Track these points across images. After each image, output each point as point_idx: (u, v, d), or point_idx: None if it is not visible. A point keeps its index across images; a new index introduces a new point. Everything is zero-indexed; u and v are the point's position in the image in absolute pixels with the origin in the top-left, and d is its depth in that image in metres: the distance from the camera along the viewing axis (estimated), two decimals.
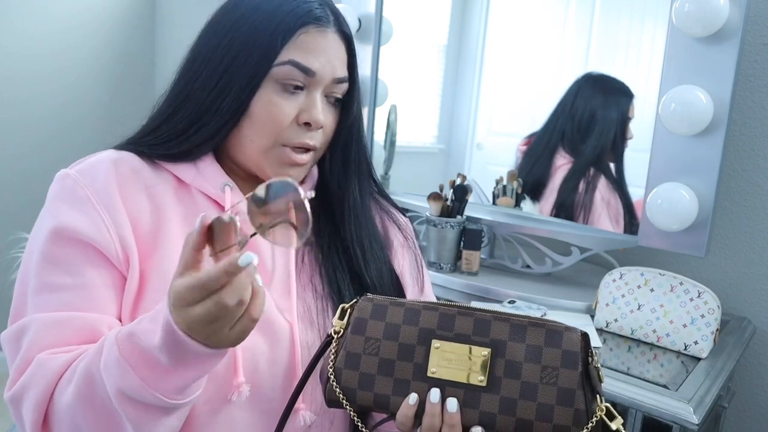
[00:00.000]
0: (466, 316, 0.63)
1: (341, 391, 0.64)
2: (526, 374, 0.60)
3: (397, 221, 0.90)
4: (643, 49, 1.44)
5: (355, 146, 0.82)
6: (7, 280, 1.11)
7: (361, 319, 0.65)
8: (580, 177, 1.50)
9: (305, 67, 0.72)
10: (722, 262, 1.44)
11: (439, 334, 0.63)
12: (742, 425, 1.44)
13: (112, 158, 0.74)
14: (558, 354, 0.60)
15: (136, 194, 0.73)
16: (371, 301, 0.66)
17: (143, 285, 0.70)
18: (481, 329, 0.63)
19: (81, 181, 0.71)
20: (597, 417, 0.60)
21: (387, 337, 0.64)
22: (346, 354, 0.64)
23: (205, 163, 0.76)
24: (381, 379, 0.63)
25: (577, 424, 0.59)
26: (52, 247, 0.69)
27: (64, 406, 0.62)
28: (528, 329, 0.62)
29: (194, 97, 0.74)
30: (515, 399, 0.60)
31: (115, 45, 2.62)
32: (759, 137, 1.38)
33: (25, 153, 2.41)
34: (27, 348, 0.66)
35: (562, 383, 0.59)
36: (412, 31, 1.83)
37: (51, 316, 0.66)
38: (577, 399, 0.59)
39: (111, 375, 0.58)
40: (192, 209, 0.75)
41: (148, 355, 0.57)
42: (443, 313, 0.64)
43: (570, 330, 0.62)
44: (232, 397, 0.69)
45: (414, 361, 0.63)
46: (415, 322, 0.64)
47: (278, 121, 0.72)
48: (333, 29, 0.75)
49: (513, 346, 0.61)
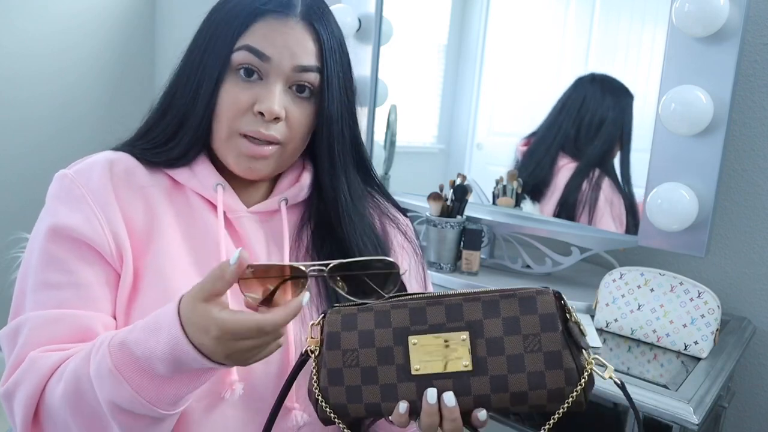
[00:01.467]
0: (436, 305, 0.62)
1: (332, 410, 0.63)
2: (509, 348, 0.59)
3: (397, 222, 0.90)
4: (643, 49, 1.44)
5: (337, 146, 0.79)
6: (7, 280, 1.11)
7: (333, 333, 0.63)
8: (584, 177, 1.50)
9: (259, 51, 0.71)
10: (722, 262, 1.44)
11: (414, 330, 0.61)
12: (742, 425, 1.44)
13: (108, 159, 0.75)
14: (536, 319, 0.60)
15: (130, 194, 0.74)
16: (339, 312, 0.64)
17: (137, 283, 0.71)
18: (454, 314, 0.61)
19: (77, 181, 0.73)
20: (588, 371, 0.60)
21: (363, 346, 0.62)
22: (327, 372, 0.63)
23: (199, 165, 0.77)
24: (367, 388, 0.62)
25: (570, 383, 0.59)
26: (48, 246, 0.70)
27: (56, 403, 0.63)
28: (500, 303, 0.61)
29: (179, 96, 0.76)
30: (505, 375, 0.59)
31: (115, 45, 2.61)
32: (759, 137, 1.38)
33: (25, 153, 2.41)
34: (21, 345, 0.67)
35: (546, 347, 0.59)
36: (412, 31, 1.83)
37: (46, 314, 0.68)
38: (564, 359, 0.59)
39: (103, 385, 0.59)
40: (185, 209, 0.77)
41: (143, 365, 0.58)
42: (413, 308, 0.62)
43: (542, 293, 0.61)
44: (225, 395, 0.70)
45: (395, 363, 0.61)
46: (387, 324, 0.62)
47: (233, 109, 0.72)
48: (296, 18, 0.73)
49: (490, 323, 0.60)
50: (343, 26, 1.71)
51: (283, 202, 0.81)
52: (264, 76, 0.73)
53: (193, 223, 0.76)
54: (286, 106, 0.73)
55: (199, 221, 0.76)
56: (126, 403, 0.58)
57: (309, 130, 0.77)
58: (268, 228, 0.80)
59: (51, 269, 0.69)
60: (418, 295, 0.64)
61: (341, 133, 0.79)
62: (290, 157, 0.78)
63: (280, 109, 0.72)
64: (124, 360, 0.58)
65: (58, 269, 0.69)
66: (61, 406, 0.62)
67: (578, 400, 0.60)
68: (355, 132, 0.83)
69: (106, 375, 0.59)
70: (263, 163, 0.75)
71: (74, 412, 0.62)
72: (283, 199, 0.81)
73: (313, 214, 0.83)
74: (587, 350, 0.61)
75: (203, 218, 0.76)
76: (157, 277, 0.71)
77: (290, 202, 0.82)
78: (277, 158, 0.76)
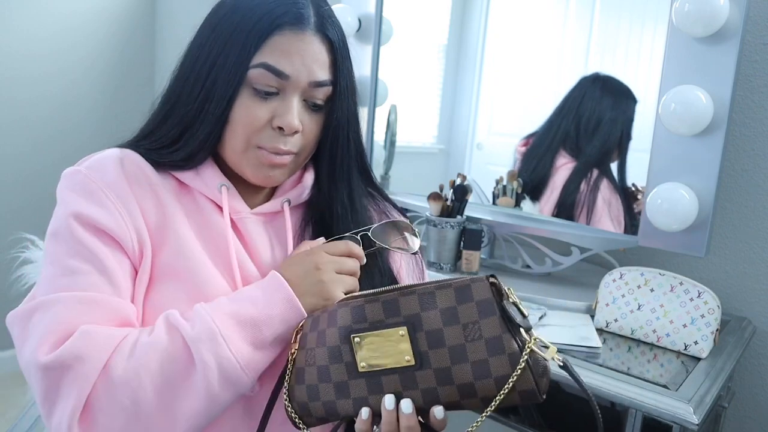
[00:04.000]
0: (373, 302, 0.62)
1: (293, 410, 0.66)
2: (450, 339, 0.58)
3: None
4: (643, 49, 1.44)
5: (341, 151, 0.80)
6: (7, 280, 1.11)
7: (304, 335, 0.67)
8: (582, 177, 1.50)
9: (278, 71, 0.71)
10: (722, 262, 1.44)
11: (356, 328, 0.62)
12: (742, 425, 1.44)
13: (117, 155, 0.75)
14: (473, 307, 0.58)
15: (143, 190, 0.74)
16: (311, 316, 0.68)
17: (153, 279, 0.72)
18: (391, 310, 0.61)
19: (91, 176, 0.72)
20: (527, 350, 0.57)
21: (318, 345, 0.64)
22: (296, 371, 0.66)
23: (203, 166, 0.77)
24: (323, 386, 0.63)
25: (515, 366, 0.56)
26: (72, 233, 0.69)
27: (122, 378, 0.61)
28: (436, 294, 0.60)
29: (183, 103, 0.75)
30: (448, 367, 0.58)
31: (115, 45, 2.62)
32: (759, 137, 1.38)
33: (25, 153, 2.41)
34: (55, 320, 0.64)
35: (486, 334, 0.57)
36: (412, 31, 1.83)
37: (78, 295, 0.66)
38: (506, 343, 0.57)
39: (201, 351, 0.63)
40: (194, 208, 0.77)
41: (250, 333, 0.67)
42: (353, 307, 0.63)
43: (476, 280, 0.59)
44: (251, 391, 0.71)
45: (344, 360, 0.62)
46: (335, 323, 0.64)
47: (251, 125, 0.72)
48: (312, 31, 0.72)
49: (428, 316, 0.59)
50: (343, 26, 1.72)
51: (286, 204, 0.82)
52: (281, 91, 0.73)
53: (203, 222, 0.76)
54: (301, 119, 0.74)
55: (207, 220, 0.76)
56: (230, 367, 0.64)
57: (319, 137, 0.79)
58: (271, 229, 0.81)
59: (78, 255, 0.68)
60: (362, 293, 0.65)
61: (346, 139, 0.80)
62: (302, 163, 0.80)
63: (299, 123, 0.73)
64: (232, 328, 0.66)
65: (85, 255, 0.68)
66: (137, 377, 0.61)
67: (528, 387, 0.56)
68: (358, 136, 0.83)
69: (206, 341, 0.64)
70: (280, 171, 0.76)
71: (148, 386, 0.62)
72: (285, 201, 0.82)
73: (314, 214, 0.83)
74: (528, 330, 0.58)
75: (211, 218, 0.77)
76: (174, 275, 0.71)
77: (293, 203, 0.82)
78: (292, 166, 0.78)
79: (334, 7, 1.70)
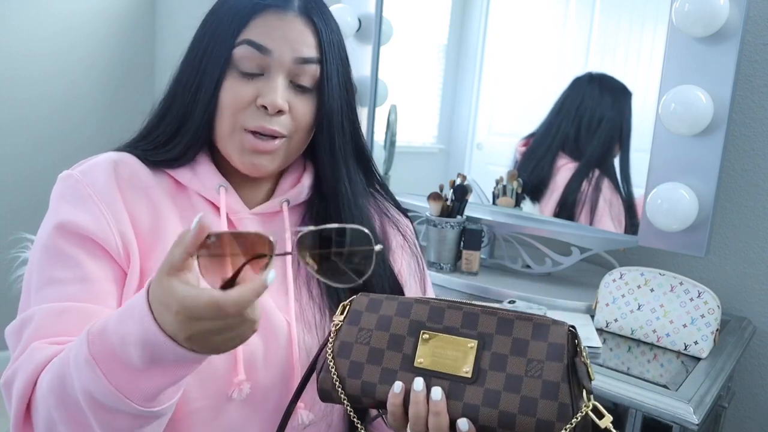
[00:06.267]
0: (456, 309, 0.64)
1: (338, 378, 0.65)
2: (512, 367, 0.60)
3: (397, 222, 0.90)
4: (643, 49, 1.44)
5: (339, 136, 0.79)
6: (7, 280, 1.11)
7: (356, 311, 0.68)
8: (584, 177, 1.50)
9: (260, 45, 0.72)
10: (722, 262, 1.44)
11: (429, 326, 0.64)
12: (742, 425, 1.44)
13: (112, 159, 0.76)
14: (544, 347, 0.60)
15: (135, 194, 0.74)
16: (367, 296, 0.69)
17: (142, 283, 0.71)
18: (469, 322, 0.63)
19: (83, 181, 0.73)
20: (582, 413, 0.57)
21: (379, 328, 0.66)
22: (340, 344, 0.66)
23: (200, 165, 0.77)
24: (369, 367, 0.64)
25: (561, 419, 0.57)
26: (55, 242, 0.70)
27: (43, 394, 0.61)
28: (515, 323, 0.62)
29: (179, 99, 0.76)
30: (499, 391, 0.59)
31: (115, 45, 2.62)
32: (759, 137, 1.38)
33: (25, 153, 2.41)
34: (27, 337, 0.66)
35: (547, 376, 0.58)
36: (412, 31, 1.83)
37: (53, 306, 0.67)
38: (561, 392, 0.57)
39: (80, 374, 0.56)
40: (188, 210, 0.77)
41: (119, 353, 0.54)
42: (434, 306, 0.65)
43: (557, 324, 0.61)
44: (233, 395, 0.70)
45: (403, 351, 0.64)
46: (407, 314, 0.65)
47: (236, 104, 0.73)
48: (295, 12, 0.74)
49: (500, 339, 0.61)
50: (343, 26, 1.72)
51: (285, 203, 0.81)
52: (265, 71, 0.73)
53: None
54: (289, 100, 0.74)
55: None
56: (100, 394, 0.55)
57: (312, 122, 0.77)
58: (269, 229, 0.80)
59: (58, 265, 0.69)
60: (448, 299, 0.66)
61: (341, 125, 0.79)
62: (295, 151, 0.78)
63: (283, 102, 0.73)
64: (101, 348, 0.55)
65: (65, 265, 0.69)
66: (46, 397, 0.60)
67: None
68: (355, 125, 0.82)
69: (83, 363, 0.55)
70: (268, 158, 0.75)
71: (58, 404, 0.59)
72: (284, 200, 0.81)
73: (313, 214, 0.83)
74: (589, 394, 0.59)
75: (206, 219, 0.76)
76: None
77: (291, 203, 0.82)
78: (282, 153, 0.76)
79: (334, 7, 1.71)
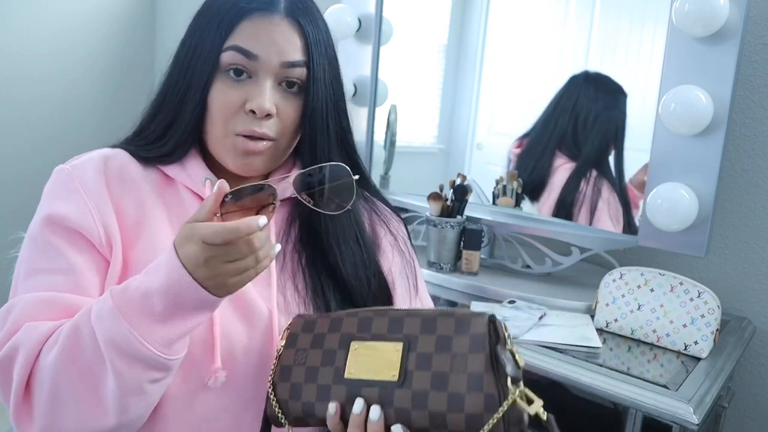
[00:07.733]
0: (382, 316, 0.65)
1: (277, 405, 0.66)
2: (437, 365, 0.59)
3: (388, 221, 0.90)
4: (643, 49, 1.44)
5: (321, 138, 0.79)
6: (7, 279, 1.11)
7: (293, 334, 0.69)
8: (581, 176, 1.50)
9: (247, 51, 0.72)
10: (722, 262, 1.44)
11: (358, 336, 0.64)
12: (742, 425, 1.44)
13: (103, 155, 0.79)
14: (466, 340, 0.58)
15: (122, 188, 0.77)
16: (303, 317, 0.70)
17: (126, 271, 0.74)
18: (395, 326, 0.63)
19: (73, 174, 0.76)
20: (509, 401, 0.54)
21: (313, 346, 0.66)
22: (280, 368, 0.67)
23: (189, 160, 0.79)
24: (307, 387, 0.65)
25: (489, 409, 0.55)
26: (42, 234, 0.73)
27: (48, 364, 0.64)
28: (438, 320, 0.61)
29: (169, 98, 0.78)
30: (427, 391, 0.58)
31: (115, 45, 2.61)
32: (759, 137, 1.38)
33: (25, 153, 2.41)
34: (11, 323, 0.68)
35: (471, 369, 0.57)
36: (412, 31, 1.83)
37: (37, 295, 0.70)
38: (486, 383, 0.55)
39: (103, 324, 0.62)
40: (175, 202, 0.79)
41: (141, 303, 0.61)
42: (362, 317, 0.66)
43: (478, 315, 0.60)
44: (209, 383, 0.71)
45: (335, 365, 0.64)
46: (338, 329, 0.66)
47: (225, 110, 0.74)
48: (281, 15, 0.74)
49: (425, 339, 0.61)
50: (343, 26, 1.73)
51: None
52: (253, 75, 0.74)
53: (184, 216, 0.77)
54: (276, 103, 0.74)
55: (188, 214, 0.77)
56: (122, 340, 0.60)
57: (298, 123, 0.78)
58: None
59: (44, 256, 0.72)
60: (376, 308, 0.67)
61: (326, 126, 0.79)
62: (283, 152, 0.79)
63: (271, 105, 0.73)
64: (125, 300, 0.61)
65: (51, 256, 0.72)
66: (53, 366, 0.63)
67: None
68: (342, 125, 0.82)
69: (107, 314, 0.61)
70: (258, 158, 0.76)
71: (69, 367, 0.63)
72: None
73: (300, 211, 0.83)
74: (517, 381, 0.57)
75: (192, 210, 0.77)
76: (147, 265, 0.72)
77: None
78: (271, 154, 0.77)
79: (334, 7, 1.71)
